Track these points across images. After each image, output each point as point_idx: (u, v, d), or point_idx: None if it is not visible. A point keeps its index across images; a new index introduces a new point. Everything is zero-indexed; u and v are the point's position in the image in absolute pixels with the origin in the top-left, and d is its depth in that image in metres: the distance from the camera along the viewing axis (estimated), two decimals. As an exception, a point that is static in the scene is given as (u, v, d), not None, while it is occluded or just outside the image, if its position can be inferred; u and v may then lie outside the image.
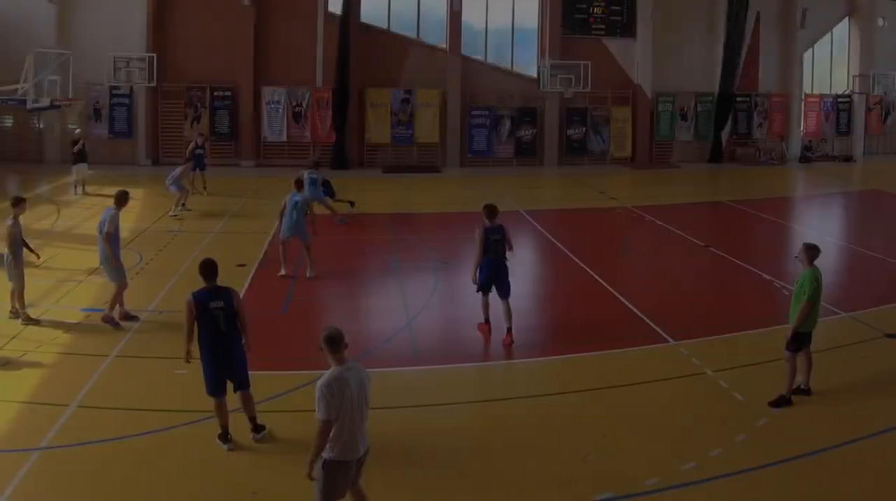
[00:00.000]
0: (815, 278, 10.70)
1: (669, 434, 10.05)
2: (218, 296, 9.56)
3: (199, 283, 9.42)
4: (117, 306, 14.20)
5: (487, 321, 13.78)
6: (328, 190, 23.00)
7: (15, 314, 14.22)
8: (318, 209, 21.69)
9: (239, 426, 9.83)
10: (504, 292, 13.49)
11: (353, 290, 17.04)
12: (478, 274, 13.48)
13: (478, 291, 13.64)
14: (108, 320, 14.04)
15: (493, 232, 13.44)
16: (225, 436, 9.70)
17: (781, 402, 10.75)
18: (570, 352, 12.99)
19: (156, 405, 10.70)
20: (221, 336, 9.55)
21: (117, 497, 8.58)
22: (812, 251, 10.88)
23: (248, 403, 9.82)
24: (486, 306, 13.71)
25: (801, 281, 10.80)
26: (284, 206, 17.37)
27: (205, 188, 27.32)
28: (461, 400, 11.50)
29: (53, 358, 12.47)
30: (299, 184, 18.20)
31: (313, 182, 21.43)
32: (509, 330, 13.31)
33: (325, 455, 7.24)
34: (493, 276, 13.47)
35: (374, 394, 8.98)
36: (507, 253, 13.65)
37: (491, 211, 13.62)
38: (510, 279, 13.60)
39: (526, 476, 9.10)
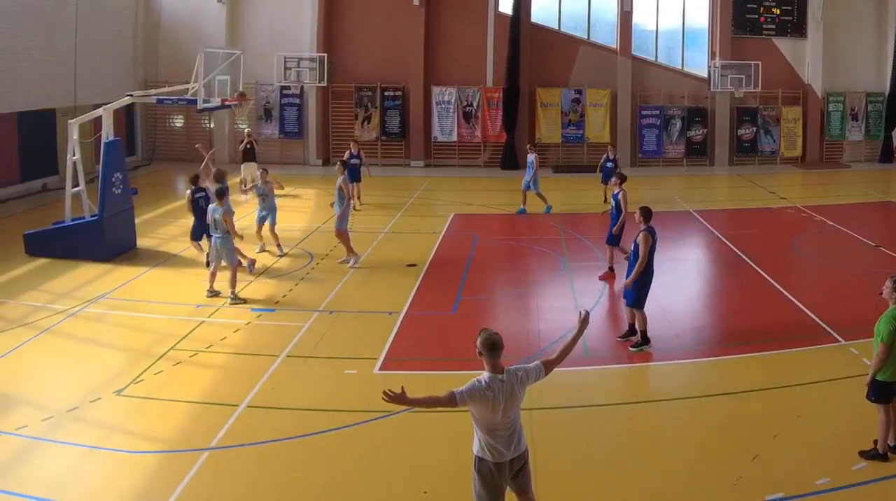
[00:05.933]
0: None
1: (840, 435, 9.87)
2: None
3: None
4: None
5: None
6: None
7: (213, 293, 15.56)
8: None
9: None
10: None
11: (523, 290, 16.74)
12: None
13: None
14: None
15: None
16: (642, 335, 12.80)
17: None
18: (739, 352, 12.87)
19: (325, 405, 10.83)
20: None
21: (285, 497, 8.70)
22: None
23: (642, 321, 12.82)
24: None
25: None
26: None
27: (359, 198, 25.13)
28: (631, 400, 11.64)
29: (223, 359, 12.58)
30: (343, 166, 19.06)
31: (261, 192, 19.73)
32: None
33: (474, 450, 7.04)
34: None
35: (545, 394, 9.24)
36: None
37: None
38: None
39: (695, 475, 9.10)
